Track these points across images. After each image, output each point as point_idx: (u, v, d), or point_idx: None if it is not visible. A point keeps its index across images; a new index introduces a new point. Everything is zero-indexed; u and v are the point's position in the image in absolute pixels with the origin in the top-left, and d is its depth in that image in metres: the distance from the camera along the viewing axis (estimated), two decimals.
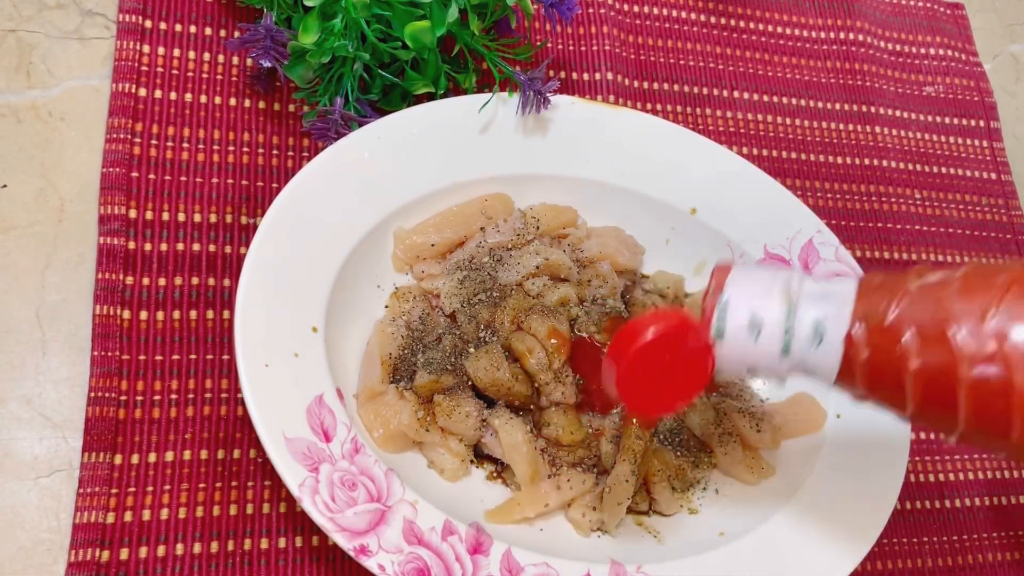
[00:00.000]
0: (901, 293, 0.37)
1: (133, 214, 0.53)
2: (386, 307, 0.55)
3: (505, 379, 0.51)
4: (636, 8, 0.71)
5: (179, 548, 0.48)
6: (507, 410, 0.52)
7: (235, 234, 0.55)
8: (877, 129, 0.74)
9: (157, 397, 0.50)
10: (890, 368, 0.37)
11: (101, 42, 0.57)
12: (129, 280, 0.52)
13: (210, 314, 0.53)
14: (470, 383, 0.52)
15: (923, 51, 0.79)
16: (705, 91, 0.70)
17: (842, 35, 0.76)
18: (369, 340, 0.53)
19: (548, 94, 0.57)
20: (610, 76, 0.67)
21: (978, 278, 0.36)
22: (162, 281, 0.53)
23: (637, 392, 0.40)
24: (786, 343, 0.38)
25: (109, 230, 0.52)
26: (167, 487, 0.49)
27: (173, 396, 0.51)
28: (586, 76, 0.66)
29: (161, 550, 0.48)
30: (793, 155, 0.71)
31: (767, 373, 0.40)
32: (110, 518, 0.48)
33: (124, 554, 0.47)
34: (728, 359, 0.39)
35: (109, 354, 0.50)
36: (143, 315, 0.52)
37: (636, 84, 0.68)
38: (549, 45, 0.67)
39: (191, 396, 0.51)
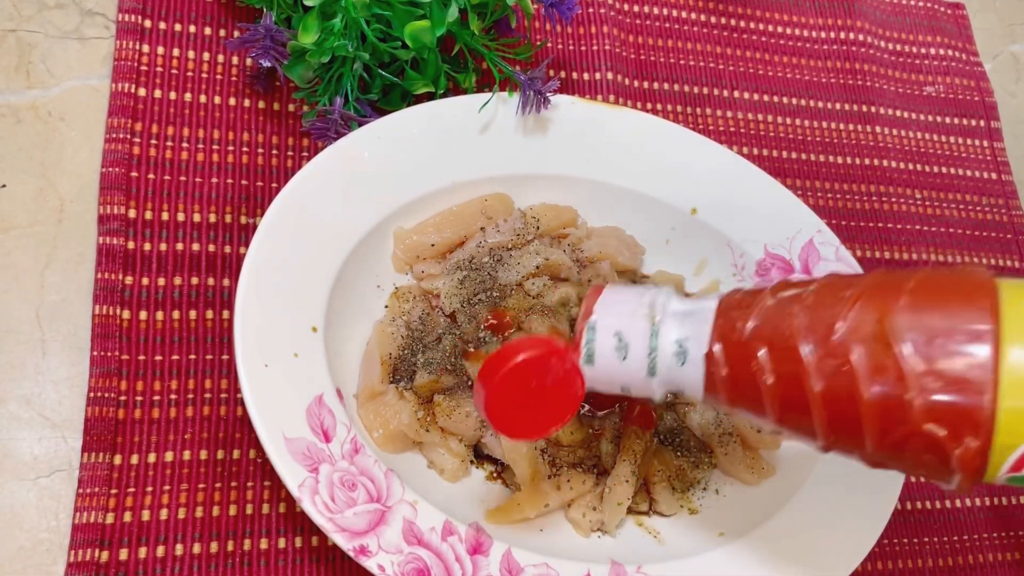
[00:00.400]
0: (757, 309, 0.38)
1: (133, 214, 0.53)
2: (386, 307, 0.55)
3: None
4: (636, 8, 0.71)
5: (179, 548, 0.48)
6: None
7: (235, 234, 0.55)
8: (877, 129, 0.74)
9: (157, 397, 0.50)
10: (748, 383, 0.38)
11: (101, 42, 0.57)
12: (129, 280, 0.52)
13: (210, 314, 0.53)
14: (470, 383, 0.52)
15: (923, 51, 0.79)
16: (705, 91, 0.70)
17: (842, 35, 0.76)
18: (369, 340, 0.53)
19: (548, 94, 0.57)
20: (610, 76, 0.66)
21: (828, 292, 0.37)
22: (162, 281, 0.53)
23: (505, 415, 0.40)
24: (651, 363, 0.39)
25: (109, 230, 0.52)
26: (167, 487, 0.49)
27: (173, 396, 0.51)
28: (586, 76, 0.66)
29: (161, 550, 0.48)
30: (793, 155, 0.71)
31: (640, 392, 0.41)
32: (110, 518, 0.48)
33: (124, 554, 0.47)
34: (600, 380, 0.41)
35: (109, 354, 0.50)
36: (143, 315, 0.52)
37: (636, 84, 0.68)
38: (549, 45, 0.67)
39: (191, 396, 0.51)
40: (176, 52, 0.58)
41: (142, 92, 0.56)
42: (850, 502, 0.53)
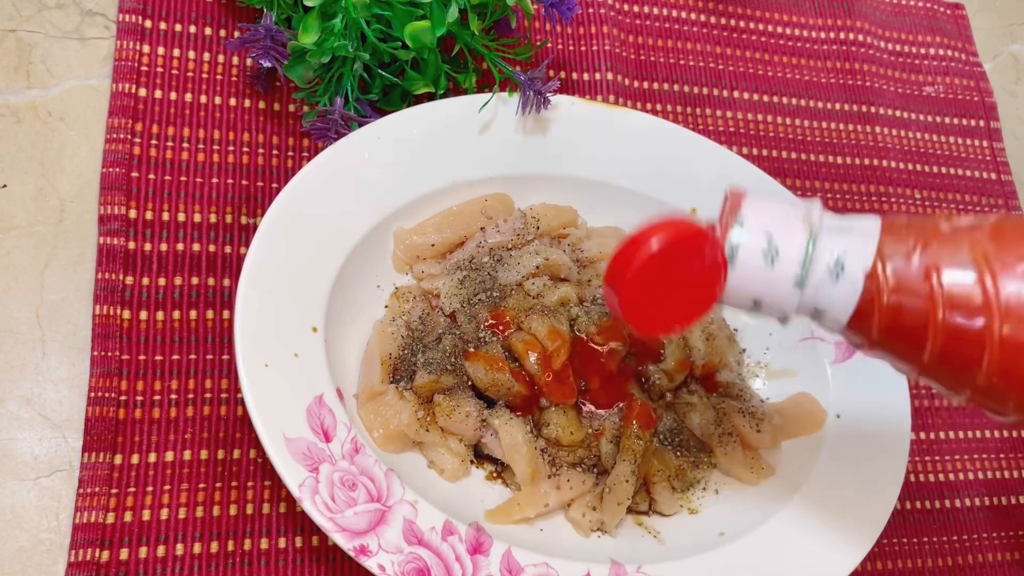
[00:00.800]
0: (931, 234, 0.35)
1: (133, 214, 0.53)
2: (386, 307, 0.55)
3: (505, 379, 0.51)
4: (636, 8, 0.71)
5: (179, 548, 0.48)
6: (507, 410, 0.52)
7: (235, 234, 0.55)
8: (877, 129, 0.74)
9: (157, 397, 0.50)
10: (915, 314, 0.34)
11: (101, 42, 0.57)
12: (129, 280, 0.52)
13: (210, 314, 0.53)
14: (470, 383, 0.52)
15: (923, 51, 0.79)
16: (705, 91, 0.70)
17: (842, 35, 0.76)
18: (369, 340, 0.53)
19: (548, 94, 0.57)
20: (610, 76, 0.66)
21: (1012, 226, 0.34)
22: (162, 281, 0.53)
23: (643, 305, 0.36)
24: (803, 273, 0.35)
25: (109, 230, 0.52)
26: (167, 487, 0.49)
27: (173, 396, 0.51)
28: (586, 76, 0.66)
29: (161, 550, 0.48)
30: (793, 155, 0.71)
31: (772, 308, 0.36)
32: (110, 518, 0.48)
33: (124, 554, 0.47)
34: (737, 285, 0.36)
35: (109, 354, 0.50)
36: (143, 315, 0.52)
37: (636, 84, 0.68)
38: (549, 45, 0.67)
39: (191, 396, 0.51)
40: (176, 52, 0.58)
41: (142, 92, 0.56)
42: (850, 502, 0.53)
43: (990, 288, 0.33)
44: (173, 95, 0.57)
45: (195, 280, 0.53)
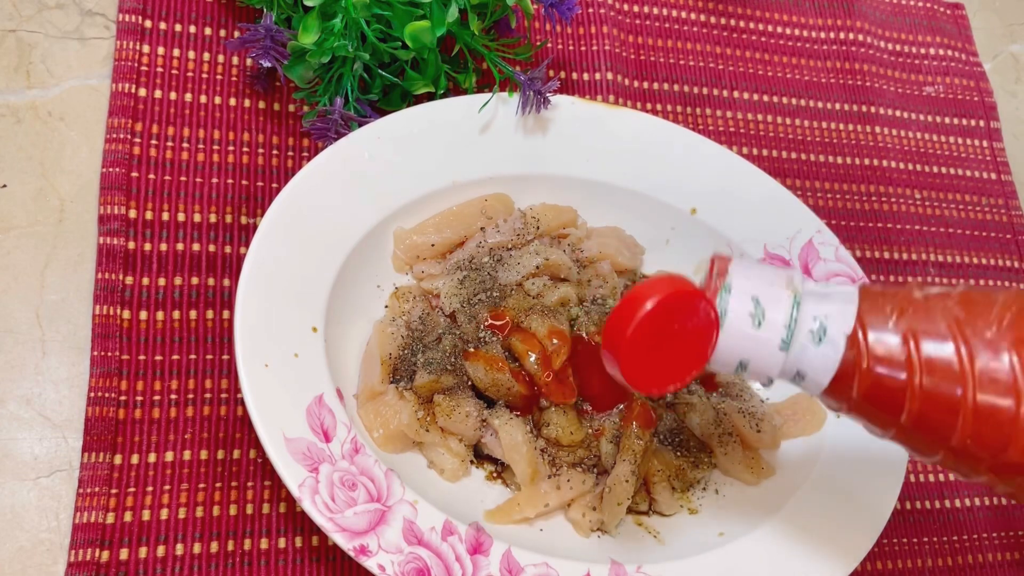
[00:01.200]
0: (906, 301, 0.36)
1: (133, 214, 0.53)
2: (386, 307, 0.55)
3: (505, 379, 0.51)
4: (636, 8, 0.71)
5: (179, 548, 0.48)
6: (507, 410, 0.52)
7: (235, 234, 0.55)
8: (877, 129, 0.74)
9: (157, 397, 0.50)
10: (894, 379, 0.36)
11: (101, 42, 0.57)
12: (129, 280, 0.52)
13: (210, 314, 0.53)
14: (470, 383, 0.52)
15: (923, 51, 0.79)
16: (705, 91, 0.70)
17: (842, 35, 0.76)
18: (369, 340, 0.53)
19: (548, 94, 0.57)
20: (610, 76, 0.66)
21: (978, 295, 0.36)
22: (162, 281, 0.53)
23: (640, 364, 0.37)
24: (788, 336, 0.37)
25: (109, 230, 0.52)
26: (167, 487, 0.49)
27: (173, 396, 0.51)
28: (586, 76, 0.66)
29: (161, 550, 0.48)
30: (793, 155, 0.71)
31: (758, 370, 0.38)
32: (110, 518, 0.48)
33: (124, 554, 0.47)
34: (724, 347, 0.37)
35: (109, 354, 0.50)
36: (143, 315, 0.52)
37: (636, 84, 0.68)
38: (549, 45, 0.67)
39: (191, 396, 0.51)
40: (176, 52, 0.58)
41: (142, 92, 0.56)
42: (850, 502, 0.53)
43: (964, 356, 0.35)
44: (173, 95, 0.57)
45: (195, 280, 0.53)
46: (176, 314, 0.52)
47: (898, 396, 0.36)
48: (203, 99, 0.57)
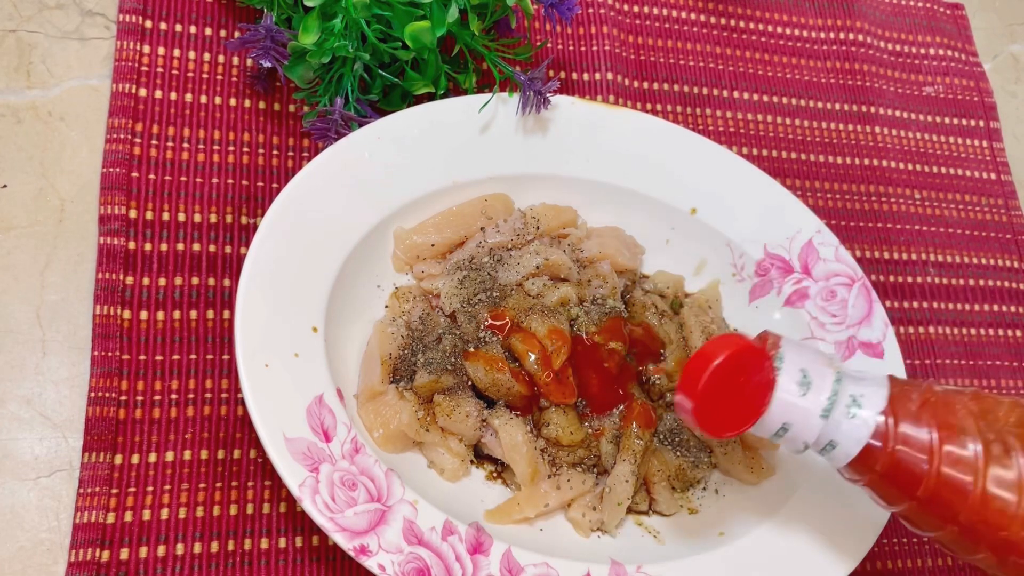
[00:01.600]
0: (928, 393, 0.41)
1: (133, 214, 0.53)
2: (386, 307, 0.55)
3: (505, 379, 0.51)
4: (636, 8, 0.71)
5: (179, 548, 0.48)
6: (507, 410, 0.52)
7: (235, 234, 0.55)
8: (877, 129, 0.74)
9: (157, 397, 0.50)
10: (915, 462, 0.40)
11: (101, 42, 0.57)
12: (129, 280, 0.52)
13: (210, 314, 0.53)
14: (470, 383, 0.52)
15: (923, 51, 0.79)
16: (705, 91, 0.70)
17: (842, 35, 0.76)
18: (369, 340, 0.53)
19: (548, 94, 0.57)
20: (610, 76, 0.67)
21: (987, 396, 0.41)
22: (162, 281, 0.53)
23: (710, 410, 0.41)
24: (828, 406, 0.41)
25: (109, 230, 0.52)
26: (167, 487, 0.49)
27: (173, 396, 0.51)
28: (586, 76, 0.66)
29: (161, 550, 0.48)
30: (793, 155, 0.71)
31: (796, 436, 0.42)
32: (110, 518, 0.48)
33: (124, 554, 0.47)
34: (773, 409, 0.41)
35: (109, 354, 0.50)
36: (143, 315, 0.52)
37: (636, 84, 0.68)
38: (549, 45, 0.67)
39: (191, 396, 0.51)
40: (176, 53, 0.58)
41: (143, 92, 0.56)
42: (850, 502, 0.53)
43: (979, 450, 0.39)
44: (173, 95, 0.57)
45: (195, 280, 0.53)
46: (176, 314, 0.52)
47: (916, 477, 0.40)
48: (203, 99, 0.57)
